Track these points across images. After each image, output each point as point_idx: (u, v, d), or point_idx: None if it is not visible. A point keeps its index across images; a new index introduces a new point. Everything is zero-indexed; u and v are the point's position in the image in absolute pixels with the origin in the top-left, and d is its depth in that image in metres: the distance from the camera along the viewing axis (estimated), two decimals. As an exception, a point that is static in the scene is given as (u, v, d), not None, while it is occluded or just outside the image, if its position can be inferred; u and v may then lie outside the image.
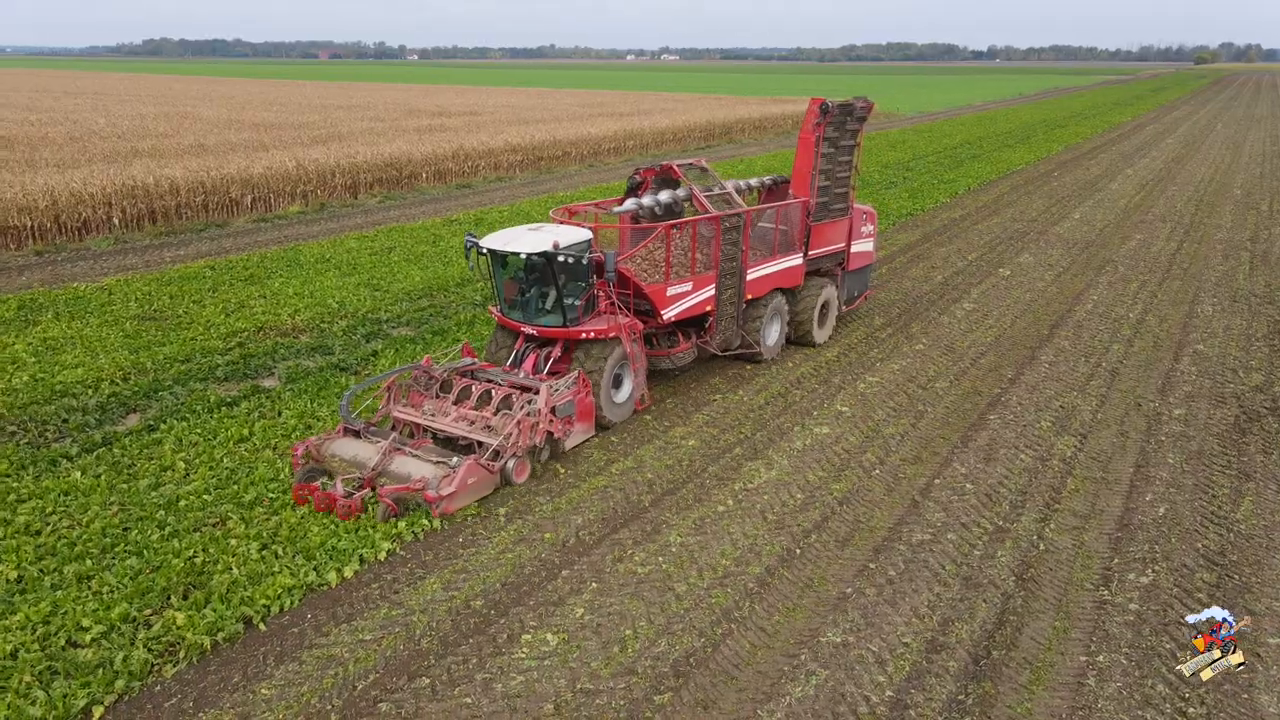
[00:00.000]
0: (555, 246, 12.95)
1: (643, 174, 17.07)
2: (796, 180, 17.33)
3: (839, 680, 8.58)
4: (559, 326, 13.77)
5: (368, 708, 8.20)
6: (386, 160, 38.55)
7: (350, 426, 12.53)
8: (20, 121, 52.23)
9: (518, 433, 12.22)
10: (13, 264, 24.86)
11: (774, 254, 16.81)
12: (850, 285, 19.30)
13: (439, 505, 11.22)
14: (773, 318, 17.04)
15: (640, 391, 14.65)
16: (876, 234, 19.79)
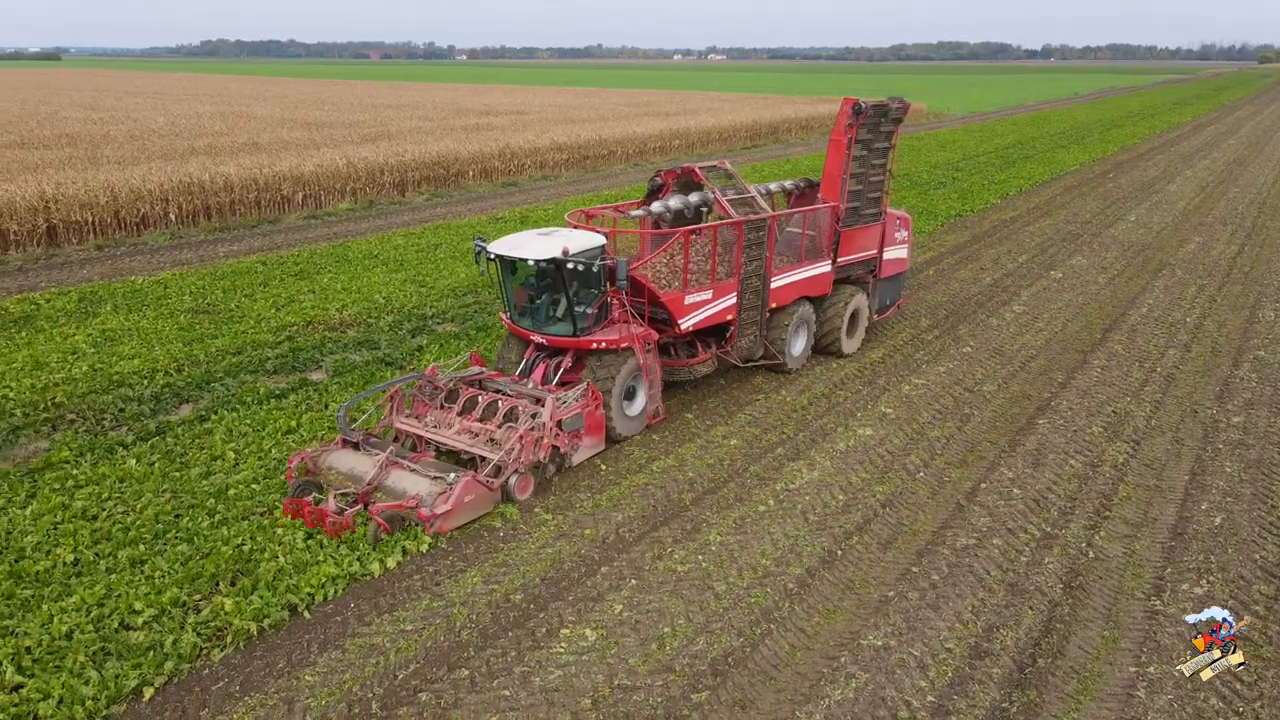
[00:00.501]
0: (565, 253, 12.43)
1: (663, 176, 16.52)
2: (826, 184, 16.63)
3: (879, 684, 8.47)
4: (569, 335, 13.23)
5: (408, 697, 8.30)
6: (434, 159, 38.98)
7: (348, 438, 12.13)
8: (83, 120, 53.78)
9: (520, 448, 11.67)
10: (75, 258, 25.62)
11: (800, 261, 16.17)
12: (882, 294, 18.48)
13: (433, 524, 10.73)
14: (798, 327, 16.38)
15: (655, 405, 14.04)
16: (911, 240, 19.03)
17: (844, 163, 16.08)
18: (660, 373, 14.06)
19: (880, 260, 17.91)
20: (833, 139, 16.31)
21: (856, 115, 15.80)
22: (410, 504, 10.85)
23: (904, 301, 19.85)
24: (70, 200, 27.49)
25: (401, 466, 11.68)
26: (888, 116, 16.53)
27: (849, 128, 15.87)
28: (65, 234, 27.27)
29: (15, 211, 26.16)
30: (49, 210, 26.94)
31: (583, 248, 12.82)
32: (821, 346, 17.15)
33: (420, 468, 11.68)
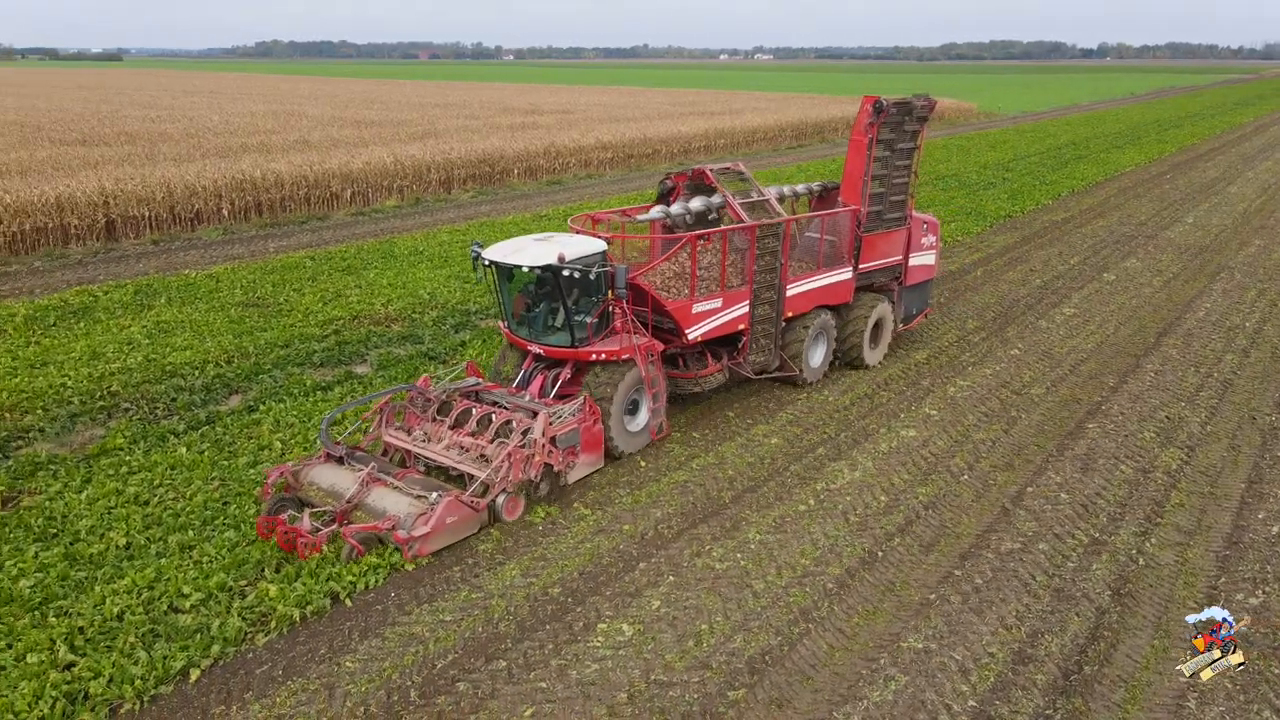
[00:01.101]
0: (561, 259, 11.73)
1: (673, 179, 15.59)
2: (846, 187, 15.67)
3: (919, 687, 8.35)
4: (567, 346, 12.59)
5: (446, 686, 8.37)
6: (480, 157, 39.33)
7: (331, 452, 11.57)
8: (142, 119, 55.19)
9: (508, 465, 11.00)
10: (131, 252, 26.31)
11: (819, 267, 15.38)
12: (908, 302, 17.44)
13: (411, 547, 10.10)
14: (817, 337, 15.53)
15: (659, 420, 13.32)
16: (939, 246, 18.01)
17: (865, 164, 15.24)
18: (665, 386, 13.33)
19: (905, 267, 16.97)
20: (853, 139, 15.49)
21: (877, 114, 15.00)
22: (385, 526, 10.18)
23: (931, 311, 18.72)
24: (128, 196, 28.24)
25: (384, 483, 11.07)
26: (912, 115, 15.69)
27: (869, 127, 15.04)
28: (123, 229, 28.01)
29: (76, 206, 26.94)
30: (108, 205, 27.70)
31: (581, 254, 12.13)
32: (842, 358, 16.31)
33: (404, 485, 11.06)
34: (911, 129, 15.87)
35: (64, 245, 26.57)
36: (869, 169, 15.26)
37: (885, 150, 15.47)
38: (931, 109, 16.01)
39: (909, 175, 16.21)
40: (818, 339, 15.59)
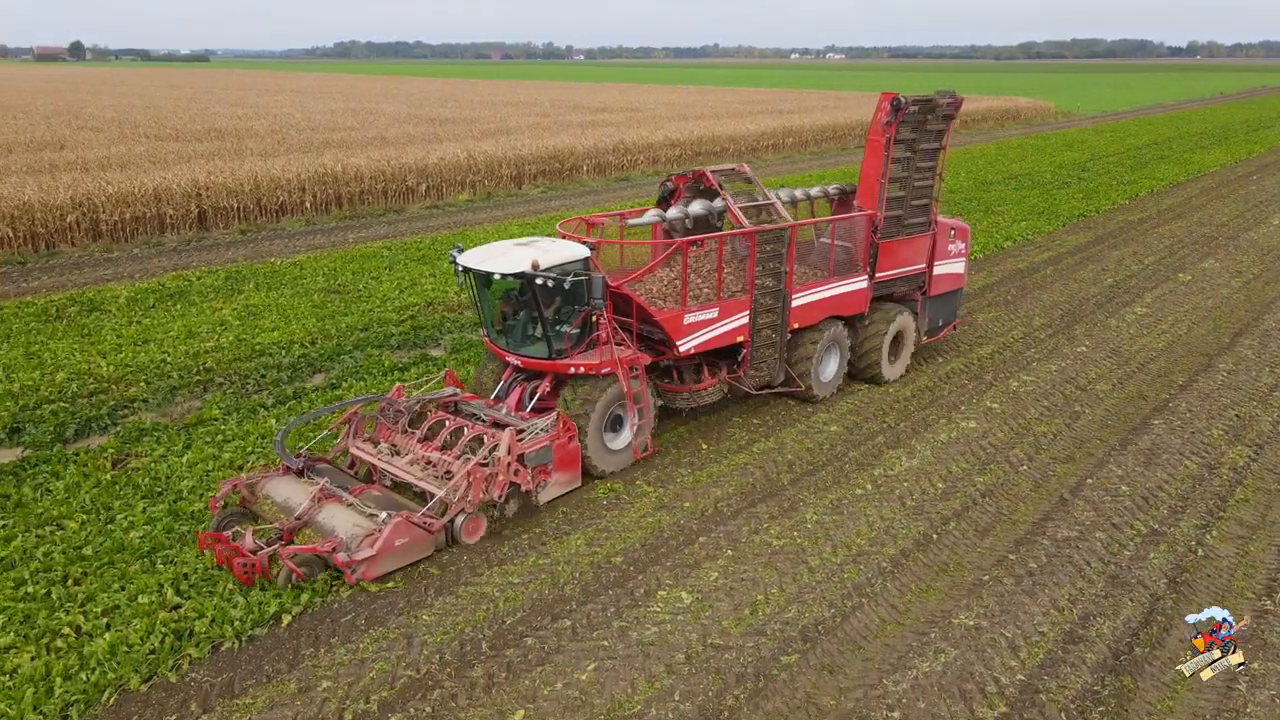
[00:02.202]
0: (534, 266, 11.06)
1: (675, 181, 14.68)
2: (863, 190, 14.77)
3: (968, 660, 8.60)
4: (544, 358, 11.98)
5: (514, 640, 8.92)
6: (550, 153, 40.14)
7: (290, 465, 11.05)
8: (230, 116, 57.57)
9: (467, 484, 10.36)
10: (222, 241, 27.71)
11: (830, 275, 14.43)
12: (933, 313, 16.34)
13: (355, 570, 9.48)
14: (828, 350, 14.64)
15: (644, 438, 12.54)
16: (969, 254, 16.91)
17: (882, 166, 14.27)
18: (651, 402, 12.59)
19: (930, 276, 15.85)
20: (869, 139, 14.46)
21: (895, 112, 14.01)
22: (325, 548, 9.56)
23: (961, 323, 17.68)
24: (219, 188, 29.71)
25: (338, 500, 10.45)
26: (936, 113, 14.64)
27: (887, 126, 14.05)
28: (214, 219, 29.47)
29: (172, 197, 28.47)
30: (200, 197, 29.19)
31: (559, 260, 11.45)
32: (858, 372, 15.39)
33: (360, 502, 10.47)
34: (936, 128, 14.84)
35: (160, 234, 28.11)
36: (886, 171, 14.35)
37: (906, 151, 14.51)
38: (958, 107, 14.95)
39: (933, 178, 15.17)
40: (829, 352, 14.74)
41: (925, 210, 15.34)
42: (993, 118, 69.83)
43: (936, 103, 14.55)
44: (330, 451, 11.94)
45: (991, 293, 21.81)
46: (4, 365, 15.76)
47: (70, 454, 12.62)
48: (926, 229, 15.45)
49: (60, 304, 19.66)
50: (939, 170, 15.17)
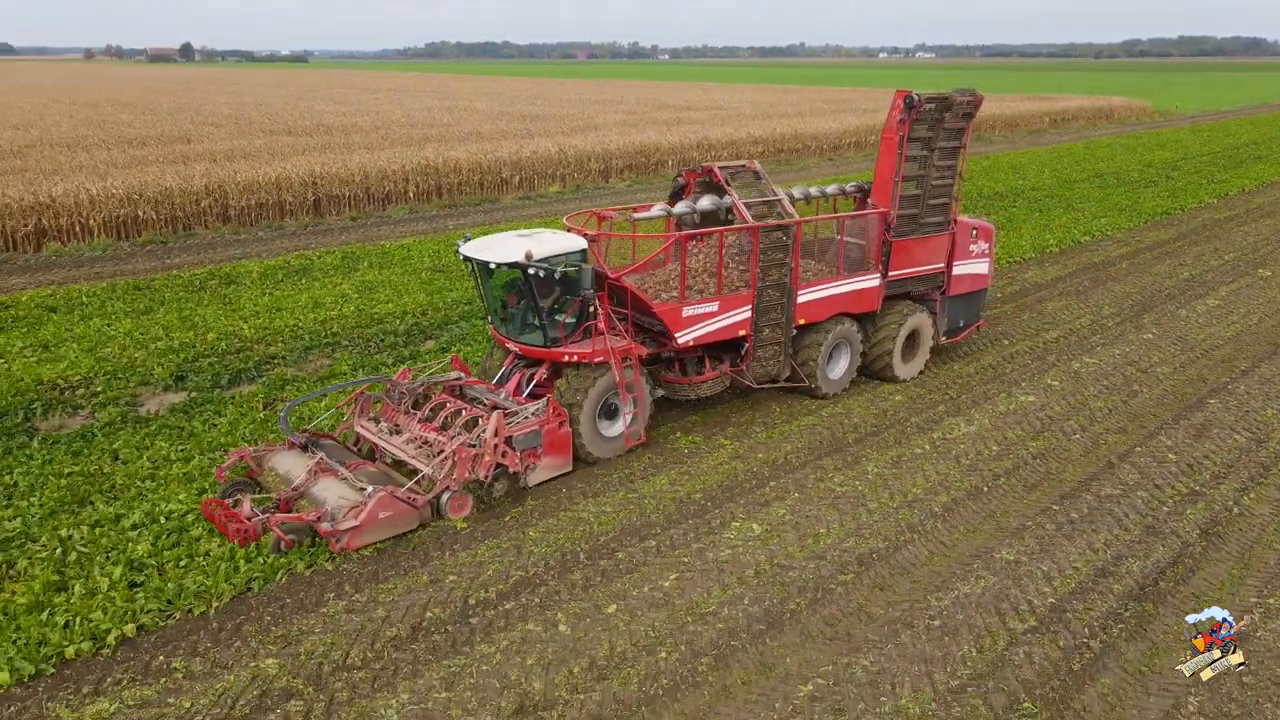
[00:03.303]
0: (528, 256, 11.58)
1: (686, 176, 14.80)
2: (877, 187, 14.73)
3: (1005, 586, 9.73)
4: (539, 346, 12.46)
5: (607, 553, 10.43)
6: (636, 148, 41.74)
7: (293, 440, 11.79)
8: (335, 113, 60.95)
9: (452, 464, 10.94)
10: (335, 226, 30.11)
11: (839, 272, 14.53)
12: (954, 313, 16.20)
13: (339, 540, 10.07)
14: (836, 347, 14.71)
15: (637, 427, 12.81)
16: (994, 254, 16.60)
17: (896, 163, 14.23)
18: (646, 392, 12.89)
19: (949, 275, 15.73)
20: (884, 137, 14.42)
21: (909, 110, 13.91)
22: (310, 518, 10.18)
23: (984, 324, 17.46)
24: (332, 178, 32.19)
25: (334, 474, 11.06)
26: (953, 111, 14.42)
27: (900, 124, 13.99)
28: (328, 206, 31.96)
29: (291, 186, 31.03)
30: (316, 186, 31.70)
31: (554, 251, 11.95)
32: (870, 370, 15.43)
33: (352, 477, 11.04)
34: (955, 127, 14.64)
35: (280, 218, 30.67)
36: (900, 169, 14.27)
37: (922, 149, 14.40)
38: (977, 105, 14.65)
39: (953, 177, 14.99)
40: (838, 349, 14.80)
41: (944, 209, 15.18)
42: (1084, 117, 68.72)
43: (954, 101, 14.35)
44: (338, 429, 12.72)
45: (1064, 283, 22.44)
46: (164, 326, 18.05)
47: (227, 397, 14.68)
48: (944, 228, 15.29)
49: (202, 278, 22.05)
50: (959, 169, 15.02)
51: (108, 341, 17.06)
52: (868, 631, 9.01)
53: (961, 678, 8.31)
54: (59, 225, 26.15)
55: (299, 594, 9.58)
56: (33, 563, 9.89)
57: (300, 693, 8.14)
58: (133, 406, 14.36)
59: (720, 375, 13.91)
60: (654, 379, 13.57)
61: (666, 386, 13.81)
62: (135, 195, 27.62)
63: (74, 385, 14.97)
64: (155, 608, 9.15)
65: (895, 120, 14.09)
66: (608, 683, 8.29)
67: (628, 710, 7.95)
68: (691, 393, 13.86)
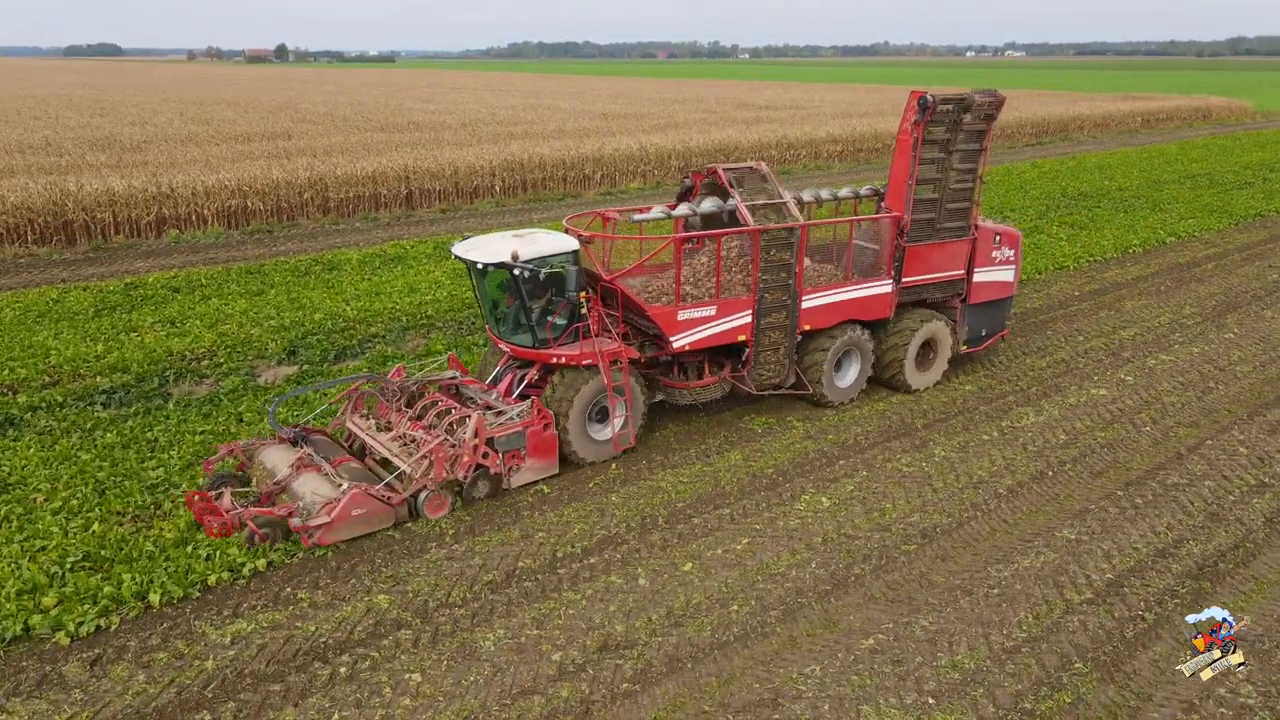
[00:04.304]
0: (514, 257, 11.53)
1: (693, 177, 14.52)
2: (891, 191, 14.29)
3: (1065, 561, 10.17)
4: (529, 347, 12.43)
5: (684, 519, 11.21)
6: (715, 146, 42.35)
7: (281, 434, 11.90)
8: (424, 111, 63.12)
9: (429, 463, 10.92)
10: (425, 218, 31.58)
11: (847, 277, 14.16)
12: (974, 322, 15.61)
13: (311, 536, 10.16)
14: (844, 355, 14.38)
15: (627, 431, 12.66)
16: (1020, 261, 15.86)
17: (910, 166, 13.82)
18: (638, 396, 12.78)
19: (970, 283, 15.22)
20: (898, 138, 14.03)
21: (923, 111, 13.44)
22: (282, 513, 10.26)
23: (1009, 334, 16.84)
24: (424, 173, 33.71)
25: (317, 469, 11.11)
26: (972, 112, 13.92)
27: (915, 125, 13.54)
28: (419, 199, 33.49)
29: (385, 179, 32.64)
30: (409, 180, 33.25)
31: (542, 252, 11.88)
32: (881, 379, 15.03)
33: (334, 473, 11.04)
34: (975, 128, 14.14)
35: (375, 210, 32.30)
36: (914, 172, 13.84)
37: (939, 151, 13.93)
38: (998, 106, 14.14)
39: (973, 180, 14.46)
40: (847, 357, 14.48)
41: (963, 214, 14.63)
42: (1179, 117, 66.60)
43: (973, 101, 13.83)
44: (330, 425, 12.84)
45: (1145, 283, 22.31)
46: (275, 306, 19.52)
47: (334, 371, 15.94)
48: (964, 233, 14.76)
49: (306, 264, 23.58)
50: (980, 173, 14.50)
51: (226, 319, 18.57)
52: (928, 596, 9.58)
53: (1016, 640, 8.83)
54: (178, 214, 28.16)
55: (406, 542, 10.61)
56: (175, 505, 11.16)
57: (409, 623, 9.14)
58: (251, 376, 15.73)
59: (719, 380, 13.77)
60: (653, 382, 13.54)
61: (665, 390, 13.71)
62: (245, 187, 29.53)
63: (200, 357, 16.44)
64: (282, 548, 10.29)
65: (909, 121, 13.68)
66: (683, 629, 9.06)
67: (701, 653, 8.72)
68: (690, 398, 13.74)
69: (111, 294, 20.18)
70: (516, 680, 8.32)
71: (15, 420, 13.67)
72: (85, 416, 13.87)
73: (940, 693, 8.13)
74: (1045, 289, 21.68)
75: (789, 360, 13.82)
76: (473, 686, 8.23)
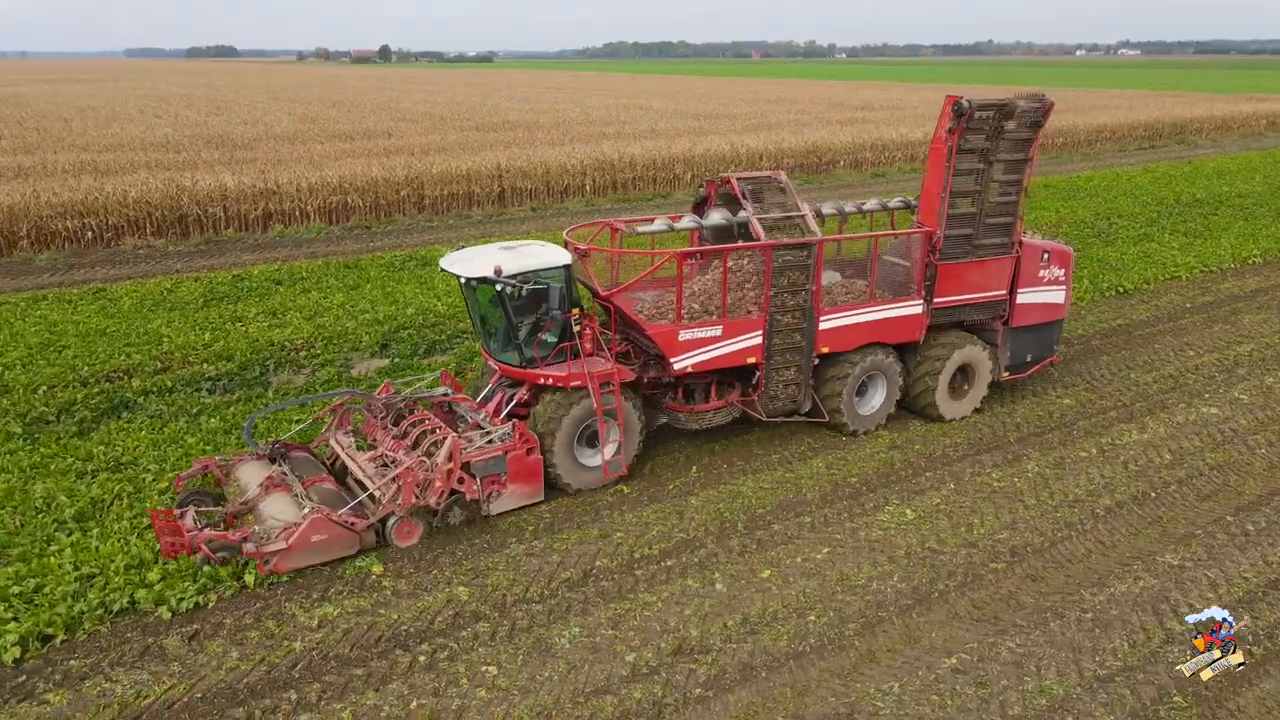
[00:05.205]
0: (497, 271, 10.92)
1: (708, 187, 13.68)
2: (924, 204, 13.26)
3: (1166, 588, 9.66)
4: (515, 365, 11.83)
5: (763, 525, 11.09)
6: (808, 147, 41.82)
7: (258, 451, 11.47)
8: (518, 110, 64.21)
9: (396, 488, 10.28)
10: (516, 216, 32.11)
11: (871, 297, 13.21)
12: (1018, 347, 14.38)
13: (266, 563, 9.66)
14: (867, 379, 13.44)
15: (619, 458, 11.91)
16: (1070, 282, 14.49)
17: (944, 177, 12.71)
18: (633, 421, 12.00)
19: (1012, 304, 14.02)
20: (932, 147, 13.00)
21: (958, 117, 12.28)
22: (235, 538, 9.74)
23: (1058, 359, 15.37)
24: (516, 171, 34.28)
25: (286, 490, 10.60)
26: (1016, 119, 12.71)
27: (950, 133, 12.41)
28: (511, 197, 34.08)
29: (479, 178, 33.32)
30: (502, 178, 33.87)
31: (528, 267, 11.27)
32: (911, 406, 14.01)
33: (303, 495, 10.49)
34: (1019, 137, 12.92)
35: (468, 208, 33.00)
36: (948, 183, 12.71)
37: (978, 161, 12.76)
38: (1046, 112, 12.81)
39: (1017, 193, 13.22)
40: (870, 382, 13.54)
41: (1005, 230, 13.43)
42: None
43: (1017, 108, 12.62)
44: (314, 441, 12.26)
45: (1265, 295, 21.06)
46: (370, 300, 20.14)
47: (425, 365, 16.35)
48: (1006, 251, 13.56)
49: (401, 259, 24.25)
50: (1024, 184, 13.24)
51: (324, 312, 19.24)
52: (1016, 617, 9.23)
53: (1110, 668, 8.43)
54: (282, 209, 29.33)
55: (486, 537, 10.80)
56: (271, 490, 11.61)
57: (487, 616, 9.30)
58: (345, 368, 16.26)
59: (727, 405, 12.98)
60: (657, 404, 12.92)
61: (668, 414, 12.98)
62: (345, 184, 30.56)
63: (298, 347, 17.09)
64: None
65: (944, 129, 12.53)
66: (759, 637, 8.96)
67: (777, 662, 8.60)
68: (694, 422, 12.93)
69: (220, 285, 21.16)
70: (590, 679, 8.36)
71: (129, 403, 14.46)
72: (192, 401, 14.57)
73: (1026, 719, 7.83)
74: (1154, 300, 20.66)
75: (804, 385, 12.95)
76: (547, 683, 8.31)
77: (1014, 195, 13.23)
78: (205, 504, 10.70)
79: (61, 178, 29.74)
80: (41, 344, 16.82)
